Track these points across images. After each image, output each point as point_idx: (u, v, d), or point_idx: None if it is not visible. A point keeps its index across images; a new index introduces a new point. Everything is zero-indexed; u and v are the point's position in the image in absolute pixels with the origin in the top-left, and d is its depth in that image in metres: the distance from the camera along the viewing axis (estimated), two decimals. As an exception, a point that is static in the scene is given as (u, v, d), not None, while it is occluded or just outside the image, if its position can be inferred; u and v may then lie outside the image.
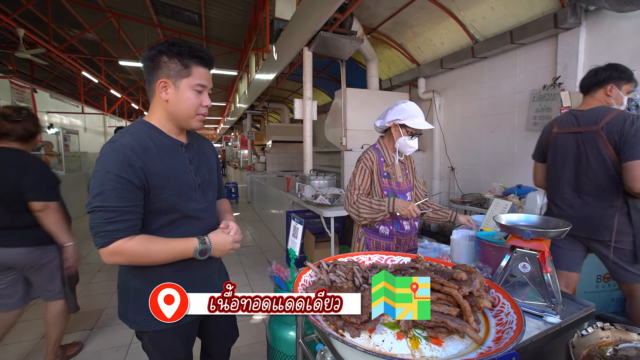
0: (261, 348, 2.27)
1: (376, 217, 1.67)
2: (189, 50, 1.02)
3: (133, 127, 1.07)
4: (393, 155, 1.79)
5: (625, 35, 2.76)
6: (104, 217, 0.94)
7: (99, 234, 0.94)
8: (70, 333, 2.55)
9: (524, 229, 1.17)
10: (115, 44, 9.37)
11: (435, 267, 1.04)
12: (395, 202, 1.64)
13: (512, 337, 0.71)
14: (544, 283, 1.17)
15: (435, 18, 4.14)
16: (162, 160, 1.04)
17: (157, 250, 1.00)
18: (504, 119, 3.89)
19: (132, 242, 0.96)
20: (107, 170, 0.95)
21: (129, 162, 0.96)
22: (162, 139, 1.07)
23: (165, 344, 1.15)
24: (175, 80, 1.02)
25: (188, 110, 1.06)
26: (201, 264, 1.15)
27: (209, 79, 1.09)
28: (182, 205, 1.08)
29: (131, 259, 0.98)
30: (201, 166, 1.18)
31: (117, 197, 0.94)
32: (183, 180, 1.09)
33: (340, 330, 0.77)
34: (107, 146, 1.00)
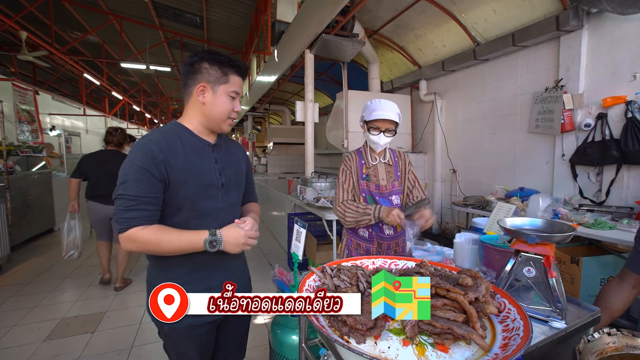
0: (264, 352, 2.26)
1: (361, 221, 1.62)
2: (228, 60, 1.11)
3: (165, 127, 1.15)
4: (375, 157, 1.73)
5: (627, 37, 2.76)
6: (124, 204, 1.00)
7: (119, 220, 1.01)
8: (71, 336, 2.55)
9: (529, 233, 1.16)
10: (117, 46, 9.41)
11: (440, 272, 1.04)
12: (380, 210, 1.58)
13: (520, 344, 0.70)
14: (549, 288, 1.16)
15: (436, 20, 4.14)
16: (186, 157, 1.10)
17: (169, 240, 1.03)
18: (506, 121, 3.88)
19: (146, 231, 1.00)
20: (132, 162, 1.02)
21: (152, 155, 1.03)
22: (190, 138, 1.14)
23: (179, 345, 1.17)
24: (213, 85, 1.10)
25: (222, 114, 1.13)
26: (223, 266, 1.20)
27: (242, 88, 1.19)
28: (201, 203, 1.12)
29: (144, 247, 1.02)
30: (227, 167, 1.22)
31: (137, 186, 1.01)
32: (206, 178, 1.13)
33: (345, 336, 0.76)
34: (137, 142, 1.08)
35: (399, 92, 5.69)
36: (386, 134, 1.64)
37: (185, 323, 1.04)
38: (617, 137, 2.80)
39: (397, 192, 1.74)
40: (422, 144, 5.30)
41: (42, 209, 5.53)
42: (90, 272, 3.93)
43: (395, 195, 1.73)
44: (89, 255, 4.62)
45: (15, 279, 3.73)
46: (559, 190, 3.28)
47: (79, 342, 2.46)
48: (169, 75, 13.36)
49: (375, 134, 1.64)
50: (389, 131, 1.64)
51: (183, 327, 1.11)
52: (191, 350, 1.17)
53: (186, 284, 1.05)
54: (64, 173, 6.74)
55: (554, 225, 1.25)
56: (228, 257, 1.19)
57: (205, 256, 1.11)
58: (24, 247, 4.89)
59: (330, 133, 5.20)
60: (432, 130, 4.94)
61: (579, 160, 3.06)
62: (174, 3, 7.46)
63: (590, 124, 2.96)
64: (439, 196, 5.02)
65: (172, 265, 1.12)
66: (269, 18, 5.82)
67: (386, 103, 1.64)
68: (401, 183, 1.77)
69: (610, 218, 2.59)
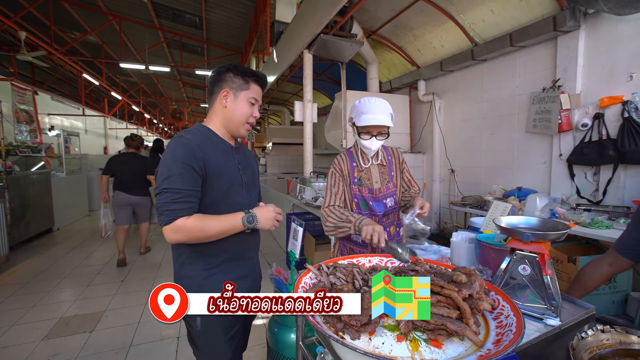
0: (261, 351, 2.27)
1: (340, 228, 1.49)
2: (250, 71, 1.26)
3: (194, 128, 1.25)
4: (367, 159, 1.62)
5: (624, 37, 2.77)
6: (170, 197, 1.07)
7: (165, 213, 1.07)
8: (70, 335, 2.55)
9: (524, 231, 1.17)
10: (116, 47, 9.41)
11: (435, 270, 1.05)
12: (362, 221, 1.40)
13: (512, 339, 0.71)
14: (543, 285, 1.17)
15: (435, 21, 4.16)
16: (217, 156, 1.21)
17: (212, 225, 1.10)
18: (504, 121, 3.90)
19: (190, 220, 1.08)
20: (176, 159, 1.11)
21: (193, 152, 1.13)
22: (217, 140, 1.26)
23: (211, 335, 1.22)
24: (236, 91, 1.23)
25: (241, 117, 1.25)
26: (246, 257, 1.33)
27: (261, 96, 1.30)
28: (232, 199, 1.23)
29: (190, 235, 1.09)
30: (247, 168, 1.35)
31: (182, 180, 1.09)
32: (233, 176, 1.25)
33: (340, 332, 0.77)
34: (174, 140, 1.17)
35: (397, 93, 5.70)
36: (378, 137, 1.50)
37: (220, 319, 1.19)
38: (613, 137, 2.81)
39: (391, 194, 1.64)
40: (420, 144, 5.32)
41: (41, 209, 5.53)
42: (89, 272, 3.93)
43: (389, 198, 1.64)
44: (87, 256, 4.62)
45: (13, 278, 3.73)
46: (556, 189, 3.29)
47: (77, 341, 2.47)
48: (168, 76, 13.37)
49: (367, 138, 1.50)
50: (381, 134, 1.51)
51: (216, 317, 1.19)
52: (224, 343, 1.24)
53: (219, 273, 1.22)
54: (63, 173, 6.75)
55: (549, 223, 1.27)
56: (252, 250, 1.37)
57: (236, 249, 1.26)
58: (23, 247, 4.90)
59: (329, 133, 5.21)
60: (431, 130, 4.96)
61: (576, 160, 3.07)
62: (173, 3, 7.47)
63: (587, 124, 2.98)
64: (438, 196, 5.04)
65: (206, 256, 1.22)
66: (268, 18, 5.83)
67: (376, 103, 1.49)
68: (395, 184, 1.67)
69: (607, 217, 2.60)
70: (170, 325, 2.70)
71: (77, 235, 5.74)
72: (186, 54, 10.50)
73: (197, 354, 1.28)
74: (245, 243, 1.32)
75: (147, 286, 3.49)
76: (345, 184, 1.61)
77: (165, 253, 4.64)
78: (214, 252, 1.22)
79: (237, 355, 1.34)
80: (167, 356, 2.29)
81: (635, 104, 2.68)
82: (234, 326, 1.29)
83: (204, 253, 1.21)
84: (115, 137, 15.75)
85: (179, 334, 2.57)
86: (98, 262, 4.30)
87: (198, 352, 1.27)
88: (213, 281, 1.23)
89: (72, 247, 5.01)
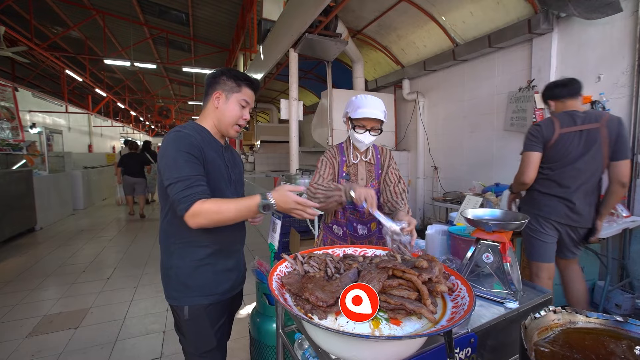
0: (245, 342, 2.33)
1: (331, 196, 1.45)
2: (243, 75, 1.31)
3: (188, 124, 1.29)
4: (356, 154, 1.67)
5: (593, 41, 2.92)
6: (183, 185, 1.12)
7: (181, 201, 1.10)
8: (56, 332, 2.56)
9: (487, 222, 1.26)
10: (101, 43, 9.24)
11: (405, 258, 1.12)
12: (353, 186, 1.39)
13: (461, 316, 0.79)
14: (504, 272, 1.26)
15: (417, 21, 4.26)
16: (210, 152, 1.27)
17: (228, 207, 1.13)
18: (484, 120, 4.03)
19: (207, 203, 1.11)
20: (179, 149, 1.15)
21: (194, 143, 1.19)
22: (210, 138, 1.31)
23: (198, 324, 1.28)
24: (227, 93, 1.29)
25: (231, 118, 1.30)
26: (234, 250, 1.38)
27: (253, 100, 1.35)
28: (221, 193, 1.29)
29: (208, 218, 1.11)
30: (234, 167, 1.42)
31: (190, 167, 1.15)
32: (224, 172, 1.32)
33: (309, 313, 0.84)
34: (172, 134, 1.20)
35: (383, 91, 5.80)
36: (372, 132, 1.56)
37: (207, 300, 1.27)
38: (583, 135, 2.95)
39: (376, 191, 1.63)
40: (405, 141, 5.43)
41: (23, 208, 5.43)
42: (74, 270, 3.90)
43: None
44: (71, 254, 4.58)
45: (-5, 278, 3.68)
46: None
47: (62, 338, 2.47)
48: (154, 73, 13.18)
49: (361, 132, 1.56)
50: (374, 130, 1.56)
51: (203, 305, 1.26)
52: (210, 333, 1.30)
53: (207, 264, 1.28)
54: (46, 171, 6.62)
55: (510, 215, 1.36)
56: (239, 244, 1.43)
57: (224, 241, 1.32)
58: (3, 247, 4.81)
59: (316, 131, 5.28)
60: (415, 128, 5.07)
61: (549, 157, 3.20)
62: (159, -1, 7.39)
63: (559, 123, 3.11)
64: (422, 193, 5.16)
65: (194, 247, 1.26)
66: (255, 16, 5.84)
67: (372, 99, 1.57)
68: (380, 182, 1.71)
69: (576, 211, 2.74)
70: (156, 320, 2.73)
71: (61, 234, 5.66)
72: (173, 50, 10.38)
73: (183, 342, 1.33)
74: (233, 236, 1.38)
75: (132, 283, 3.49)
76: (335, 172, 1.65)
77: (151, 250, 4.64)
78: (203, 243, 1.27)
79: (222, 344, 1.39)
80: (153, 350, 2.33)
81: (603, 103, 2.83)
82: (220, 316, 1.34)
83: (192, 244, 1.26)
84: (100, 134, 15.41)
85: (164, 328, 2.60)
86: (83, 260, 4.27)
87: (185, 340, 1.32)
88: (201, 272, 1.27)
89: (55, 245, 4.94)
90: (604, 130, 1.91)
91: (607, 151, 1.94)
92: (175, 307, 1.29)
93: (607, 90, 2.82)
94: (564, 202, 2.03)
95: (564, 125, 1.99)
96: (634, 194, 2.67)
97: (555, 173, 2.06)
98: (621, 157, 1.92)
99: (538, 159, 2.08)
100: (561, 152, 2.01)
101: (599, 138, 1.93)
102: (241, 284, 1.46)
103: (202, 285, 1.27)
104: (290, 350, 1.30)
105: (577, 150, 1.98)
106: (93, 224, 6.49)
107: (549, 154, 2.06)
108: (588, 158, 1.97)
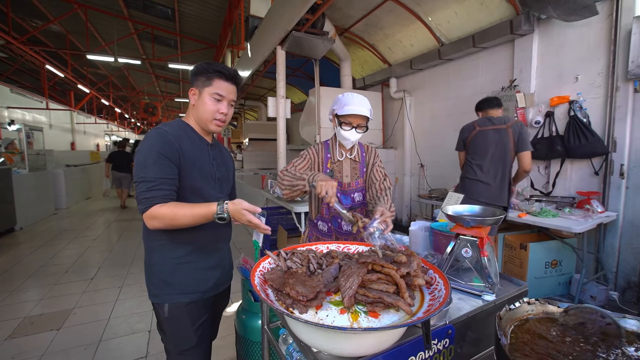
0: (232, 340, 2.33)
1: (295, 186, 1.49)
2: (213, 67, 1.26)
3: (173, 122, 1.30)
4: (341, 152, 1.68)
5: (571, 42, 3.01)
6: (145, 186, 1.12)
7: (142, 201, 1.12)
8: (37, 333, 2.50)
9: (466, 217, 1.30)
10: (83, 37, 8.97)
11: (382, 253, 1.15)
12: (316, 177, 1.41)
13: (436, 307, 0.82)
14: (482, 265, 1.31)
15: (404, 21, 4.30)
16: (192, 149, 1.26)
17: (183, 213, 1.13)
18: (468, 119, 4.06)
19: (164, 207, 1.12)
20: (151, 148, 1.15)
21: (168, 142, 1.18)
22: (194, 135, 1.30)
23: (178, 322, 1.28)
24: (200, 89, 1.27)
25: (206, 114, 1.27)
26: (216, 248, 1.37)
27: (230, 91, 1.29)
28: (204, 190, 1.29)
29: (164, 222, 1.13)
30: (221, 165, 1.40)
31: (156, 169, 1.14)
32: (207, 170, 1.30)
33: (290, 308, 0.86)
34: (152, 131, 1.21)
35: (370, 89, 5.84)
36: (358, 129, 1.58)
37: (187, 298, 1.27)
38: (562, 134, 3.06)
39: (360, 189, 1.71)
40: (392, 139, 5.49)
41: (1, 208, 5.26)
42: (56, 271, 3.82)
43: (357, 193, 1.70)
44: (53, 254, 4.47)
45: (-28, 280, 3.57)
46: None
47: (43, 340, 2.42)
48: (139, 69, 12.90)
49: (347, 129, 1.58)
50: (360, 127, 1.58)
51: (184, 302, 1.26)
52: (190, 330, 1.29)
53: (189, 262, 1.27)
54: (25, 170, 6.42)
55: (488, 211, 1.41)
56: (223, 242, 1.42)
57: (206, 239, 1.30)
58: (-18, 248, 4.66)
59: (304, 129, 5.28)
60: (402, 126, 5.14)
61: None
62: (143, -6, 7.23)
63: (539, 121, 3.22)
64: (409, 190, 5.24)
65: (176, 245, 1.26)
66: (242, 13, 5.79)
67: (359, 97, 1.59)
68: (365, 180, 1.73)
69: (555, 207, 2.84)
70: (142, 319, 2.70)
71: (42, 234, 5.51)
72: (159, 46, 10.17)
73: (164, 340, 1.33)
74: (216, 234, 1.36)
75: (117, 283, 3.44)
76: (315, 169, 1.66)
77: (137, 250, 4.57)
78: (184, 241, 1.26)
79: (205, 343, 1.39)
80: (139, 349, 2.31)
81: (580, 103, 2.93)
82: (202, 315, 1.33)
83: (174, 242, 1.25)
84: (83, 132, 15.03)
85: (150, 327, 2.58)
86: (66, 261, 4.17)
87: (165, 338, 1.32)
88: (183, 269, 1.27)
89: (37, 246, 4.81)
90: (510, 130, 2.59)
91: (514, 146, 2.59)
92: (156, 304, 1.29)
93: (584, 91, 2.92)
94: (484, 184, 2.66)
95: (481, 125, 2.73)
96: (608, 191, 2.78)
97: (477, 162, 2.71)
98: (523, 149, 2.57)
99: (463, 156, 2.91)
100: (481, 145, 2.69)
101: (507, 136, 2.60)
102: (226, 283, 1.46)
103: (182, 283, 1.27)
104: (275, 346, 1.32)
105: (492, 143, 2.64)
106: (76, 224, 6.34)
107: (472, 146, 2.77)
108: (500, 149, 2.61)
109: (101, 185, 8.65)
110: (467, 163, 2.80)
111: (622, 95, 2.67)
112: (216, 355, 2.12)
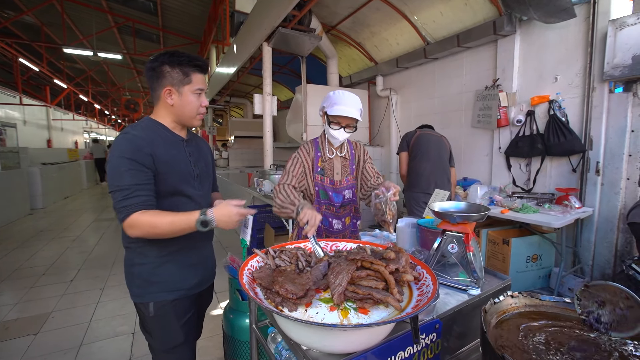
0: (219, 340, 2.31)
1: (284, 209, 1.49)
2: (188, 60, 1.19)
3: (142, 122, 1.24)
4: (331, 149, 1.67)
5: (551, 44, 3.10)
6: (121, 195, 1.08)
7: (119, 210, 1.08)
8: (13, 339, 2.40)
9: (452, 214, 1.33)
10: (59, 30, 8.62)
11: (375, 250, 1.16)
12: (304, 206, 1.40)
13: (424, 302, 0.83)
14: (467, 261, 1.33)
15: (390, 19, 4.33)
16: (167, 150, 1.20)
17: (164, 223, 1.10)
18: (453, 117, 4.19)
19: (144, 216, 1.08)
20: (122, 155, 1.10)
21: (139, 148, 1.12)
22: (167, 134, 1.25)
23: (164, 320, 1.26)
24: (178, 87, 1.20)
25: (191, 112, 1.24)
26: (197, 247, 1.34)
27: (205, 82, 1.27)
28: (184, 190, 1.25)
29: (145, 231, 1.10)
30: (199, 160, 1.36)
31: (131, 176, 1.09)
32: (184, 169, 1.26)
33: (279, 306, 0.85)
34: (120, 136, 1.16)
35: (357, 87, 5.86)
36: (346, 129, 1.58)
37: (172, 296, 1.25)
38: (542, 132, 3.15)
39: (351, 186, 1.72)
40: (379, 137, 5.53)
41: (-27, 208, 5.02)
42: (32, 274, 3.67)
43: (348, 190, 1.72)
44: (29, 256, 4.30)
45: (-59, 284, 3.39)
46: (496, 179, 3.62)
47: (19, 345, 2.33)
48: (120, 64, 12.50)
49: (336, 128, 1.57)
50: (349, 127, 1.59)
51: (168, 300, 1.24)
52: (177, 328, 1.27)
53: (170, 261, 1.24)
54: (-1, 168, 6.14)
55: (473, 207, 1.44)
56: (204, 240, 1.38)
57: (186, 238, 1.22)
58: (-49, 250, 4.43)
59: (290, 126, 5.25)
60: (388, 124, 5.18)
61: (512, 153, 3.40)
62: (124, -14, 7.00)
63: (521, 120, 3.31)
64: (395, 187, 5.29)
65: (156, 244, 1.22)
66: (227, 8, 5.69)
67: (350, 97, 1.57)
68: (355, 177, 1.74)
69: (535, 203, 2.93)
70: (125, 321, 2.63)
71: (17, 235, 5.28)
72: (140, 41, 9.88)
73: (150, 340, 1.30)
74: (196, 233, 1.32)
75: (99, 284, 3.34)
76: (308, 171, 1.65)
77: (118, 250, 4.44)
78: (164, 240, 1.22)
79: (190, 341, 1.37)
80: (122, 353, 2.25)
81: (559, 102, 3.03)
82: (187, 311, 1.32)
83: (153, 241, 1.22)
84: (60, 129, 14.46)
85: (134, 329, 2.52)
86: (43, 263, 4.02)
87: (151, 338, 1.29)
88: (164, 269, 1.25)
89: (11, 247, 4.61)
90: (445, 140, 3.28)
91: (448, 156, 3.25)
92: (140, 304, 1.26)
93: (563, 91, 3.02)
94: (425, 178, 3.11)
95: (422, 129, 3.33)
96: (585, 187, 2.89)
97: (418, 161, 3.18)
98: (451, 165, 3.27)
99: (406, 156, 3.32)
100: (422, 145, 3.20)
101: (443, 144, 3.23)
102: (210, 280, 1.45)
103: (166, 281, 1.25)
104: (264, 345, 1.31)
105: (431, 145, 3.19)
106: (54, 224, 6.11)
107: (414, 148, 3.24)
108: (438, 150, 3.18)
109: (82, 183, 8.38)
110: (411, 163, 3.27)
111: (598, 95, 2.77)
112: (204, 356, 2.09)
